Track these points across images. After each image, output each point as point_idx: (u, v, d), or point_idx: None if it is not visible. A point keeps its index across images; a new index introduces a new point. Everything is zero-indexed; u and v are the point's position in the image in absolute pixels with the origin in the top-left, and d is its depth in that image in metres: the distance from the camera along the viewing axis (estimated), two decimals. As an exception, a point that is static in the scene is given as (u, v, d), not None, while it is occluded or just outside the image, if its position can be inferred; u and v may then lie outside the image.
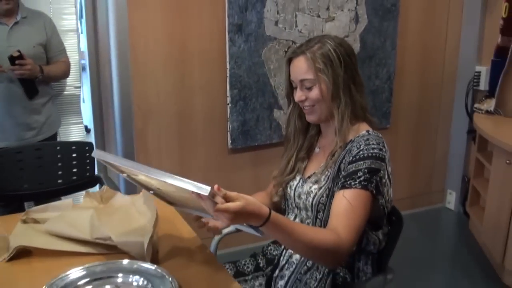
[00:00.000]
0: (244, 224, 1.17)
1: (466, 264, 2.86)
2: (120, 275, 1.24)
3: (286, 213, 1.62)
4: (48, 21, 2.31)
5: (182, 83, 2.60)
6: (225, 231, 1.75)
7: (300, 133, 1.60)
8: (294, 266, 1.52)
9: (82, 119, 2.70)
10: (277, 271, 1.56)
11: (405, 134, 3.37)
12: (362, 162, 1.36)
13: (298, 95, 1.46)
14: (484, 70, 3.14)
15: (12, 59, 2.12)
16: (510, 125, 2.89)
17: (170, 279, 1.20)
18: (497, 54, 2.98)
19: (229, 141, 2.78)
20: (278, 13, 2.71)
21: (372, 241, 1.47)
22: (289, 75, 1.50)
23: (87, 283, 1.22)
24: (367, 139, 1.41)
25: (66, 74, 2.43)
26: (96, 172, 2.13)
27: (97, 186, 2.10)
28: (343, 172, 1.38)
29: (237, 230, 1.76)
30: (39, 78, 2.25)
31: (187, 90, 2.62)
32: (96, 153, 1.26)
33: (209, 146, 2.76)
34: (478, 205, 3.19)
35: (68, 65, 2.42)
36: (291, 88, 1.53)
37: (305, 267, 1.50)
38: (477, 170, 3.16)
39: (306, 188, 1.50)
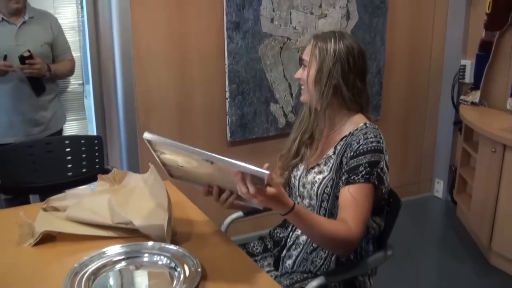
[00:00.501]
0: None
1: (454, 248, 3.01)
2: (146, 255, 1.35)
3: (288, 194, 1.73)
4: (54, 20, 2.39)
5: (183, 79, 2.70)
6: (235, 215, 1.88)
7: (307, 116, 1.70)
8: (301, 247, 1.63)
9: (85, 115, 2.78)
10: (284, 251, 1.67)
11: (394, 125, 3.51)
12: (362, 157, 1.47)
13: (299, 72, 1.61)
14: (469, 63, 3.29)
15: (23, 59, 2.20)
16: (494, 115, 3.04)
17: (192, 258, 1.30)
18: (481, 48, 3.12)
19: (228, 134, 2.89)
20: (273, 10, 2.82)
21: (372, 227, 1.59)
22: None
23: (117, 262, 1.33)
24: (365, 133, 1.51)
25: (71, 71, 2.51)
26: (105, 165, 2.21)
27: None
28: (345, 167, 1.49)
29: (245, 215, 1.89)
30: (46, 76, 2.33)
31: (188, 85, 2.72)
32: (146, 135, 1.38)
33: (208, 139, 2.86)
34: (465, 192, 3.34)
35: (73, 63, 2.51)
36: None
37: (311, 247, 1.61)
38: (463, 159, 3.32)
39: (310, 178, 1.60)
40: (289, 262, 1.64)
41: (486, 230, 2.73)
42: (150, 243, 1.39)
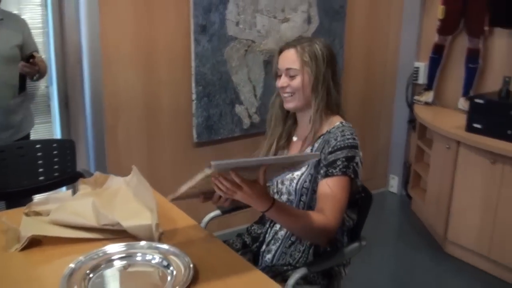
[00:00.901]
0: None
1: (411, 239, 3.19)
2: (139, 254, 1.39)
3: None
4: (24, 23, 2.36)
5: (150, 80, 2.72)
6: (213, 214, 1.95)
7: (280, 122, 1.79)
8: (279, 241, 1.71)
9: (51, 118, 2.75)
10: (264, 247, 1.75)
11: (351, 124, 3.64)
12: (340, 152, 1.57)
13: (282, 81, 1.66)
14: (422, 65, 3.48)
15: (28, 58, 2.23)
16: (447, 114, 3.24)
17: (183, 256, 1.36)
18: (434, 51, 3.32)
19: (194, 136, 2.94)
20: (239, 14, 2.89)
21: (347, 220, 1.70)
22: (277, 65, 1.70)
23: (111, 261, 1.37)
24: (342, 130, 1.63)
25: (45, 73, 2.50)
26: (77, 169, 2.21)
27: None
28: (324, 161, 1.59)
29: (222, 213, 1.96)
30: (34, 79, 2.33)
31: (155, 87, 2.75)
32: (216, 164, 1.35)
33: (175, 141, 2.90)
34: (419, 187, 3.54)
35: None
36: (276, 77, 1.73)
37: (290, 241, 1.70)
38: (417, 156, 3.51)
39: (289, 174, 1.70)
40: (268, 256, 1.72)
41: (441, 221, 2.92)
42: (142, 242, 1.44)
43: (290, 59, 1.65)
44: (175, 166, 2.92)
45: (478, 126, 2.69)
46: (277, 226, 1.74)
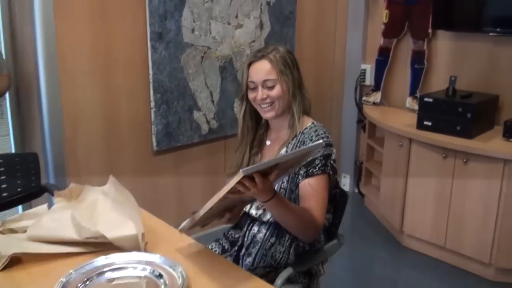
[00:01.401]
0: None
1: (368, 235, 3.31)
2: (129, 266, 1.37)
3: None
4: None
5: (108, 90, 2.67)
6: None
7: (251, 131, 1.83)
8: (259, 244, 1.74)
9: (8, 131, 2.63)
10: (243, 250, 1.77)
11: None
12: (316, 151, 1.63)
13: (261, 94, 1.68)
14: (368, 67, 3.63)
15: None
16: (395, 113, 3.40)
17: (174, 264, 1.36)
18: (380, 53, 3.48)
19: (154, 144, 2.91)
20: (194, 21, 2.90)
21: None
22: (248, 77, 1.73)
23: (102, 273, 1.34)
24: (316, 130, 1.69)
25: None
26: (42, 182, 2.13)
27: (45, 195, 2.11)
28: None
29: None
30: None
31: (113, 96, 2.70)
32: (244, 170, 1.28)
33: (135, 150, 2.86)
34: (371, 184, 3.68)
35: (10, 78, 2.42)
36: (246, 90, 1.76)
37: (269, 243, 1.73)
38: (368, 154, 3.66)
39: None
40: (249, 259, 1.75)
41: (397, 215, 3.06)
42: (131, 253, 1.42)
43: (265, 70, 1.68)
44: (136, 175, 2.88)
45: (428, 123, 2.84)
46: (255, 229, 1.77)
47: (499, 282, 2.69)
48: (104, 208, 1.62)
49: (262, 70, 1.68)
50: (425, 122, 2.86)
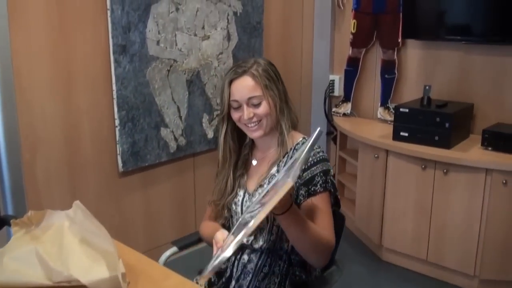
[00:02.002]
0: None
1: (345, 250, 3.20)
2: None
3: (232, 231, 1.69)
4: None
5: (69, 108, 2.45)
6: (169, 252, 1.77)
7: (234, 153, 1.69)
8: (250, 275, 1.59)
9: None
10: (233, 283, 1.62)
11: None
12: (314, 167, 1.51)
13: (247, 113, 1.54)
14: (337, 78, 3.56)
15: None
16: (367, 124, 3.33)
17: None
18: (349, 64, 3.41)
19: (120, 164, 2.70)
20: (159, 33, 2.72)
21: None
22: (229, 96, 1.58)
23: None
24: None
25: None
26: (1, 213, 1.90)
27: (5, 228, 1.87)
28: (299, 180, 1.51)
29: (180, 250, 1.80)
30: None
31: (74, 115, 2.48)
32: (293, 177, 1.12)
33: (99, 172, 2.64)
34: (343, 197, 3.60)
35: None
36: (228, 110, 1.61)
37: (262, 273, 1.58)
38: (340, 167, 3.57)
39: None
40: (240, 292, 1.60)
41: (375, 229, 2.97)
42: (116, 299, 1.23)
43: (248, 87, 1.54)
44: (101, 199, 2.66)
45: (405, 134, 2.78)
46: (245, 258, 1.62)
47: (483, 294, 2.65)
48: (73, 241, 1.39)
49: (245, 87, 1.54)
50: (402, 133, 2.79)
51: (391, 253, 2.95)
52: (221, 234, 1.43)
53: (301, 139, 1.60)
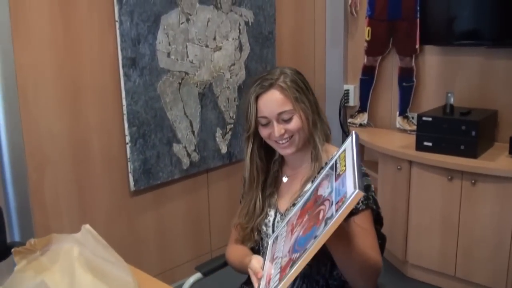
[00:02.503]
0: None
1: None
2: None
3: (261, 253, 1.56)
4: None
5: (77, 125, 2.34)
6: (192, 280, 1.64)
7: (262, 172, 1.57)
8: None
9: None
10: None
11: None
12: None
13: (277, 129, 1.43)
14: (352, 88, 3.45)
15: None
16: (385, 134, 3.21)
17: None
18: (364, 73, 3.30)
19: (132, 183, 2.58)
20: (169, 44, 2.62)
21: None
22: (256, 112, 1.46)
23: None
24: None
25: None
26: (8, 240, 1.78)
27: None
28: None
29: (204, 276, 1.67)
30: None
31: (83, 132, 2.37)
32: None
33: (110, 191, 2.52)
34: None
35: None
36: (256, 127, 1.49)
37: (297, 300, 1.46)
38: (357, 179, 3.43)
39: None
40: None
41: (400, 245, 2.83)
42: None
43: (278, 102, 1.43)
44: (112, 219, 2.54)
45: (428, 144, 2.66)
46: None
47: (517, 311, 2.51)
48: (86, 272, 1.27)
49: (274, 102, 1.42)
50: (425, 143, 2.67)
51: (417, 269, 2.81)
52: (258, 262, 1.29)
53: (335, 152, 1.48)
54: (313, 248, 0.97)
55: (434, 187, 2.62)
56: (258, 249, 1.58)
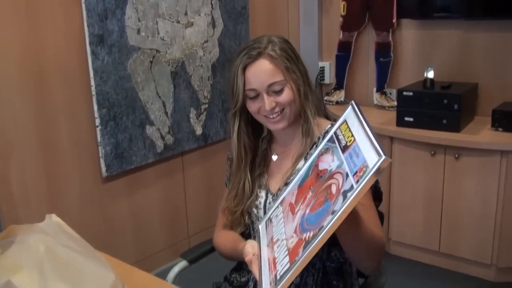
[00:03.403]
0: None
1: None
2: None
3: (252, 237, 1.46)
4: None
5: (42, 107, 2.17)
6: (177, 268, 1.53)
7: (249, 151, 1.46)
8: None
9: None
10: (259, 297, 1.40)
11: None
12: None
13: (268, 102, 1.32)
14: (327, 65, 3.36)
15: None
16: (363, 111, 3.12)
17: None
18: (340, 49, 3.21)
19: (103, 168, 2.43)
20: (139, 20, 2.46)
21: None
22: (244, 85, 1.35)
23: None
24: None
25: None
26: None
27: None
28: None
29: (190, 263, 1.56)
30: None
31: (49, 115, 2.20)
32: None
33: (80, 178, 2.37)
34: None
35: None
36: (243, 101, 1.38)
37: (292, 285, 1.37)
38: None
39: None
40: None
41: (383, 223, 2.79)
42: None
43: (267, 72, 1.31)
44: (84, 208, 2.39)
45: (409, 119, 2.61)
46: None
47: (501, 283, 2.51)
48: (57, 273, 1.11)
49: (264, 72, 1.31)
50: (406, 118, 2.62)
51: (400, 246, 2.78)
52: (252, 247, 1.18)
53: (329, 125, 1.39)
54: (333, 224, 0.88)
55: (417, 163, 2.58)
56: (249, 233, 1.48)
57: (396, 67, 3.06)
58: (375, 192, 1.36)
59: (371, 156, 0.87)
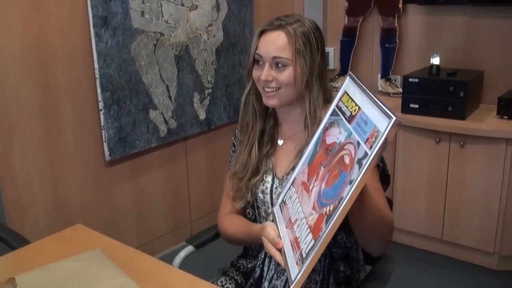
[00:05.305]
0: None
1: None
2: None
3: (258, 222, 1.45)
4: None
5: (46, 91, 2.15)
6: (183, 253, 1.52)
7: (259, 118, 1.44)
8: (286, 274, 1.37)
9: None
10: (266, 284, 1.39)
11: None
12: None
13: (266, 73, 1.31)
14: (332, 50, 3.33)
15: None
16: (368, 98, 3.12)
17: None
18: (345, 34, 3.18)
19: (107, 152, 2.41)
20: (143, 2, 2.42)
21: None
22: (256, 49, 1.34)
23: None
24: None
25: None
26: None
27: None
28: None
29: (196, 248, 1.55)
30: None
31: (52, 97, 2.18)
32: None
33: (84, 162, 2.35)
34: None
35: None
36: (253, 64, 1.37)
37: (299, 271, 1.36)
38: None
39: None
40: (277, 294, 1.37)
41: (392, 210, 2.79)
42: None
43: (278, 44, 1.30)
44: (87, 192, 2.38)
45: (415, 106, 2.59)
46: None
47: (504, 271, 2.51)
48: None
49: (275, 43, 1.30)
50: (411, 105, 2.60)
51: (403, 233, 2.78)
52: (274, 229, 1.16)
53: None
54: (353, 193, 0.87)
55: (421, 150, 2.57)
56: (254, 218, 1.47)
57: (402, 53, 3.03)
58: (383, 176, 1.34)
59: (380, 120, 0.87)
